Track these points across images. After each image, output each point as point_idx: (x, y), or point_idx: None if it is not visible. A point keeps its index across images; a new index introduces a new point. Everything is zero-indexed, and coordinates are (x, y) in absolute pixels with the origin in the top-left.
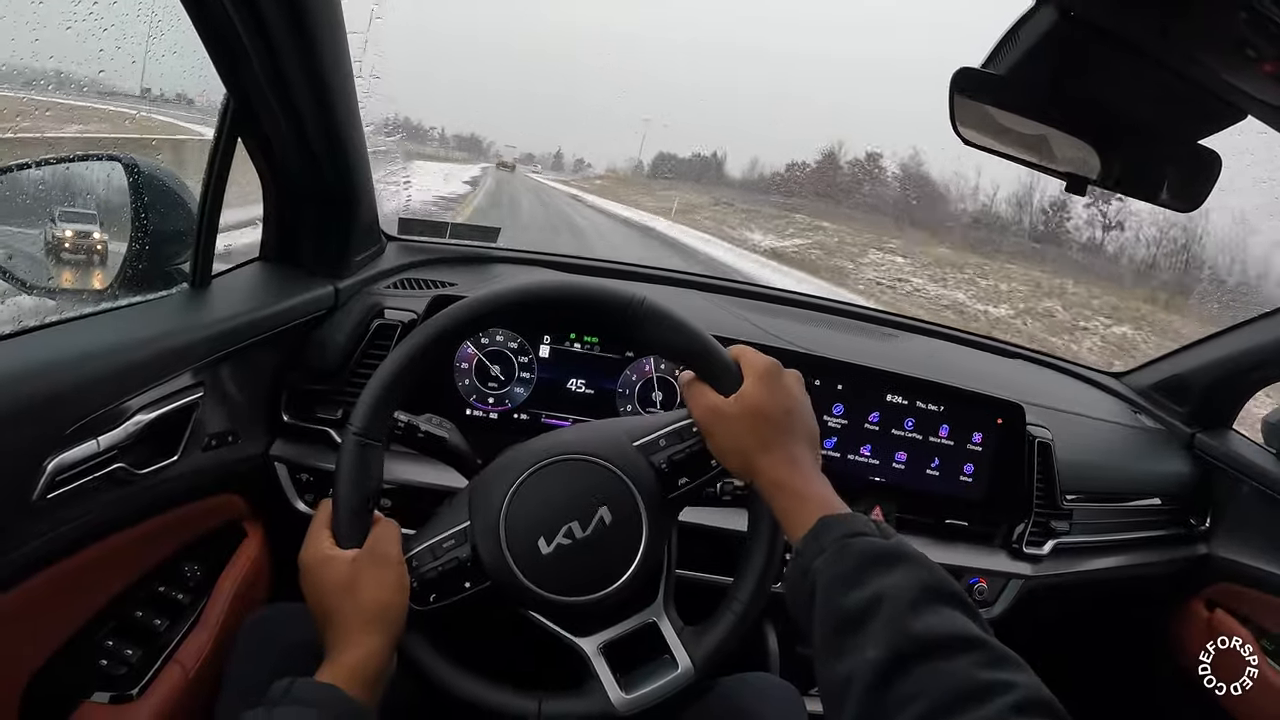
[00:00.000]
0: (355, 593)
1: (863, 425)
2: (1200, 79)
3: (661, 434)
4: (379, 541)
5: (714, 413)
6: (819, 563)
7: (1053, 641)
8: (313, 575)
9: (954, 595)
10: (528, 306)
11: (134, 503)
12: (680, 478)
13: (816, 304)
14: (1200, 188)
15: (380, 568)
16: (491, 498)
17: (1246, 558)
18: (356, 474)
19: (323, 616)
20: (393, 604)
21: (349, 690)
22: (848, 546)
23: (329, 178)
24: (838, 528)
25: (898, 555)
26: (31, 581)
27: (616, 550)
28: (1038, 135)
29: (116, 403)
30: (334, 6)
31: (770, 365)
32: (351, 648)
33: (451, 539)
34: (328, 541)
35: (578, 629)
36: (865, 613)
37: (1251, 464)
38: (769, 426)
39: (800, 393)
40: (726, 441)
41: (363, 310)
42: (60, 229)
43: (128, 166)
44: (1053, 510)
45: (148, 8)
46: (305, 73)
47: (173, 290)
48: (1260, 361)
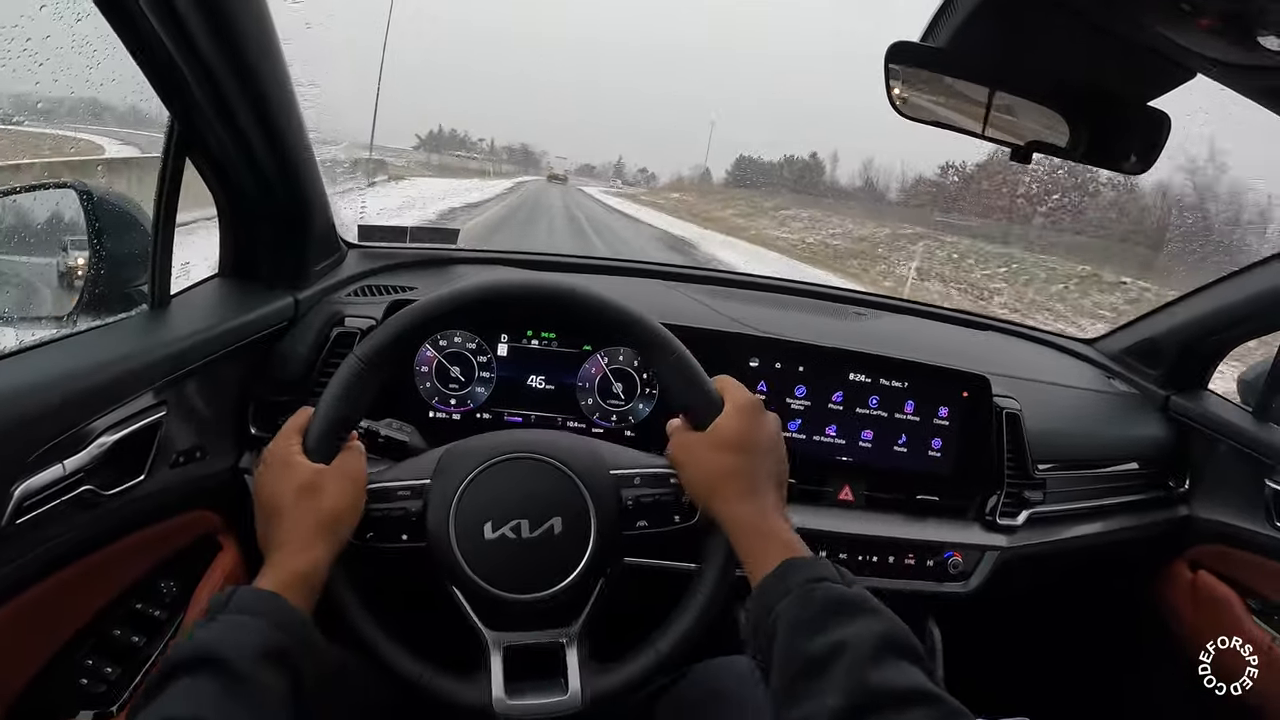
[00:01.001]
0: (315, 497)
1: (826, 405)
2: (1143, 39)
3: (639, 472)
4: (346, 461)
5: (688, 446)
6: (783, 605)
7: (1036, 611)
8: (274, 471)
9: (911, 649)
10: (511, 304)
11: (104, 524)
12: (640, 520)
13: (778, 286)
14: (1152, 150)
15: (344, 480)
16: (459, 468)
17: (1227, 517)
18: (345, 393)
19: (273, 513)
20: (347, 517)
21: (291, 598)
22: (812, 591)
23: (279, 191)
24: (803, 570)
25: (860, 604)
26: (6, 608)
27: (554, 562)
28: (991, 106)
29: (79, 426)
30: (265, 24)
31: (751, 401)
32: (298, 554)
33: (407, 490)
34: (296, 447)
35: (491, 621)
36: (827, 660)
37: (1228, 423)
38: (741, 460)
39: (776, 434)
40: (696, 472)
41: (323, 320)
42: (72, 257)
43: (80, 193)
44: (1025, 480)
45: (83, 39)
46: (243, 90)
47: (132, 312)
48: (1231, 321)
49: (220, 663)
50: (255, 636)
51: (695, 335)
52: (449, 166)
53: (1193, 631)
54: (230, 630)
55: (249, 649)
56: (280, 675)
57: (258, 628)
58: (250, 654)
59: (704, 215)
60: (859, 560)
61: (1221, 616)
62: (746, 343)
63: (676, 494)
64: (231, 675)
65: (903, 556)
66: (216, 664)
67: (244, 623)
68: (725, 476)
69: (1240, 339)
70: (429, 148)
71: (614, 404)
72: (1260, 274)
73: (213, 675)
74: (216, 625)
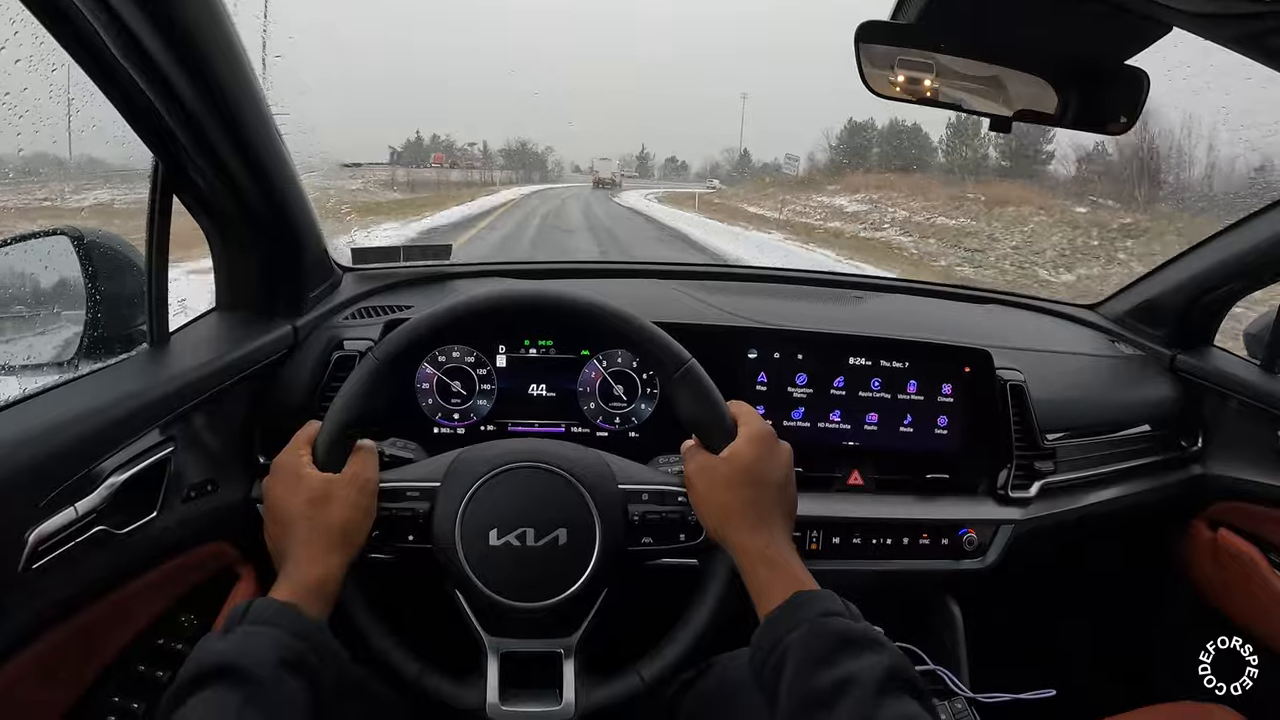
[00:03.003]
0: (325, 508)
1: (828, 391)
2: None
3: (648, 488)
4: (356, 467)
5: (702, 469)
6: (793, 637)
7: (1055, 583)
8: (284, 483)
9: (913, 683)
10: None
11: (122, 562)
12: (646, 536)
13: (773, 276)
14: (1132, 108)
15: (353, 489)
16: (469, 473)
17: (1243, 473)
18: (361, 393)
19: (285, 525)
20: (359, 526)
21: (306, 608)
22: (823, 625)
23: (268, 222)
24: (814, 605)
25: (867, 640)
26: (30, 652)
27: (557, 573)
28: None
29: (88, 468)
30: (239, 59)
31: (766, 431)
32: (312, 564)
33: (417, 491)
34: (306, 458)
35: (490, 626)
36: (835, 693)
37: (1237, 378)
38: (753, 490)
39: (789, 466)
40: (708, 497)
41: (322, 344)
42: (69, 303)
43: (73, 238)
44: (1034, 451)
45: (60, 87)
46: (223, 126)
47: (132, 352)
48: (1232, 274)
49: (240, 672)
50: (273, 646)
51: (691, 331)
52: (422, 183)
53: (1217, 590)
54: (248, 641)
55: (268, 659)
56: (300, 683)
57: (275, 637)
58: (269, 663)
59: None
60: (873, 544)
61: (1245, 573)
62: (743, 335)
63: (683, 513)
64: (252, 685)
65: (917, 537)
66: (237, 673)
67: (262, 633)
68: (739, 507)
69: (1243, 292)
70: (404, 161)
71: (616, 406)
72: (1258, 224)
73: (233, 685)
74: (234, 636)
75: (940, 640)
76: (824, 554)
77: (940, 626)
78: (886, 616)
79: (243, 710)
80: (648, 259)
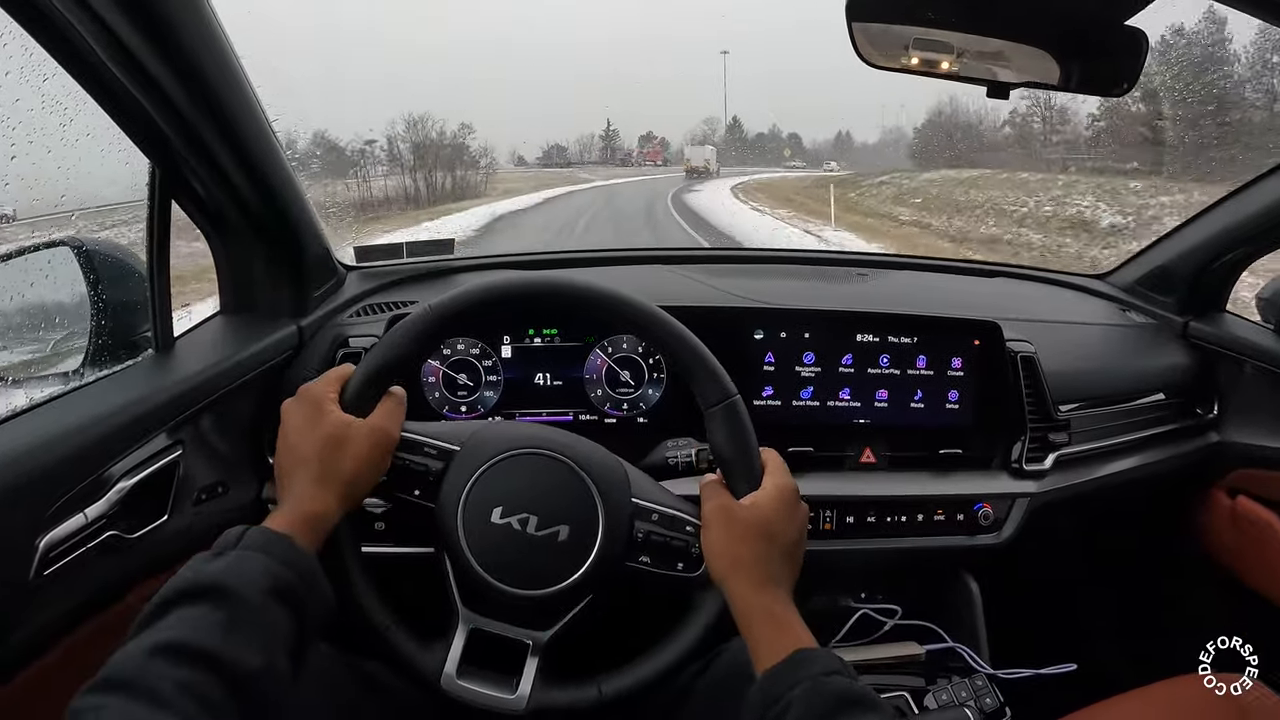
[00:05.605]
0: (339, 451)
1: (837, 370)
2: None
3: (659, 509)
4: (379, 417)
5: (723, 511)
6: (795, 693)
7: (1073, 556)
8: (305, 413)
9: None
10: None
11: (133, 567)
12: (644, 555)
13: (777, 257)
14: (1132, 69)
15: (369, 443)
16: (489, 446)
17: (1260, 439)
18: (405, 338)
19: (296, 457)
20: (366, 481)
21: (300, 541)
22: (825, 684)
23: (268, 223)
24: (817, 663)
25: (867, 700)
26: (43, 657)
27: (548, 566)
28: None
29: (96, 474)
30: (229, 61)
31: (791, 489)
32: (313, 501)
33: (435, 450)
34: (333, 394)
35: (468, 600)
36: None
37: (1251, 343)
38: (766, 545)
39: (804, 527)
40: (720, 542)
41: (328, 343)
42: (73, 312)
43: (75, 248)
44: (1048, 423)
45: (54, 98)
46: (218, 129)
47: (138, 358)
48: (1242, 238)
49: (228, 592)
50: (263, 572)
51: (696, 314)
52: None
53: (1238, 559)
54: (240, 563)
55: (256, 583)
56: (284, 611)
57: (265, 564)
58: (257, 588)
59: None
60: (888, 522)
61: (1266, 540)
62: (749, 315)
63: (689, 543)
64: (238, 606)
65: (932, 513)
66: (224, 593)
67: (253, 558)
68: (749, 560)
69: (1254, 256)
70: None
71: (623, 392)
72: (1266, 187)
73: (218, 604)
74: (226, 558)
75: (959, 617)
76: (838, 534)
77: (958, 603)
78: (904, 594)
79: (226, 629)
80: (650, 245)
